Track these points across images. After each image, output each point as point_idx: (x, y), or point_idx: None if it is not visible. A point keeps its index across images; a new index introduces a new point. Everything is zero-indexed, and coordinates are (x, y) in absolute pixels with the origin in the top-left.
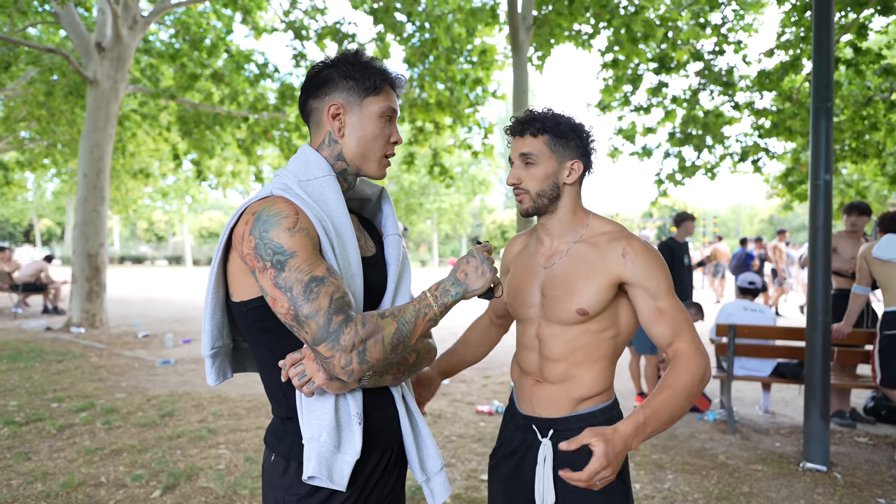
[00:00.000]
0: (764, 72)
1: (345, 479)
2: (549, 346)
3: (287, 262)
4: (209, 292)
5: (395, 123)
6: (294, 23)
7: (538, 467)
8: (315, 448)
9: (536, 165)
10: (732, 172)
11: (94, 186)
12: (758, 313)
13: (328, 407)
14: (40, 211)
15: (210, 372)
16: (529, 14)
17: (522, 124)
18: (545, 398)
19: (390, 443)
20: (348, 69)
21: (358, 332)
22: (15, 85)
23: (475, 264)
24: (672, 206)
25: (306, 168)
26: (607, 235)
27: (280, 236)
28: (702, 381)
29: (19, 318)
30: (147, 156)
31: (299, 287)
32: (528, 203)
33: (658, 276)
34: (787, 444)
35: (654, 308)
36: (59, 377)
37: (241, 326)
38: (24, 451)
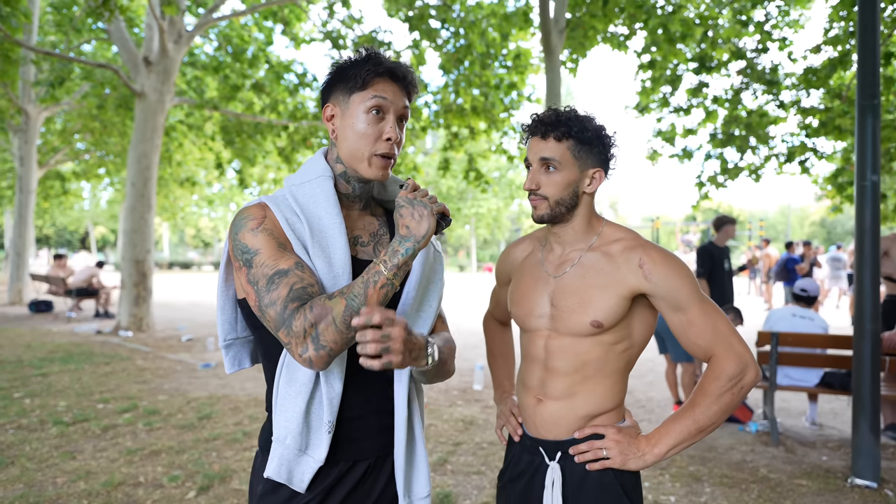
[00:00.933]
0: (811, 69)
1: (304, 483)
2: (557, 358)
3: (253, 260)
4: (220, 289)
5: (390, 119)
6: (332, 33)
7: (546, 491)
8: (279, 450)
9: (558, 172)
10: (778, 174)
11: (142, 195)
12: (807, 320)
13: (298, 409)
14: (95, 219)
15: (226, 360)
16: (562, 17)
17: (546, 125)
18: (548, 418)
19: (364, 455)
20: (342, 69)
21: (307, 317)
22: (70, 99)
23: (409, 211)
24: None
25: (305, 171)
26: (621, 244)
27: (245, 237)
28: (738, 392)
29: (73, 322)
30: (193, 165)
31: (263, 280)
32: (545, 210)
33: (680, 286)
34: (835, 458)
35: (683, 321)
36: (107, 379)
37: (245, 321)
38: (70, 451)
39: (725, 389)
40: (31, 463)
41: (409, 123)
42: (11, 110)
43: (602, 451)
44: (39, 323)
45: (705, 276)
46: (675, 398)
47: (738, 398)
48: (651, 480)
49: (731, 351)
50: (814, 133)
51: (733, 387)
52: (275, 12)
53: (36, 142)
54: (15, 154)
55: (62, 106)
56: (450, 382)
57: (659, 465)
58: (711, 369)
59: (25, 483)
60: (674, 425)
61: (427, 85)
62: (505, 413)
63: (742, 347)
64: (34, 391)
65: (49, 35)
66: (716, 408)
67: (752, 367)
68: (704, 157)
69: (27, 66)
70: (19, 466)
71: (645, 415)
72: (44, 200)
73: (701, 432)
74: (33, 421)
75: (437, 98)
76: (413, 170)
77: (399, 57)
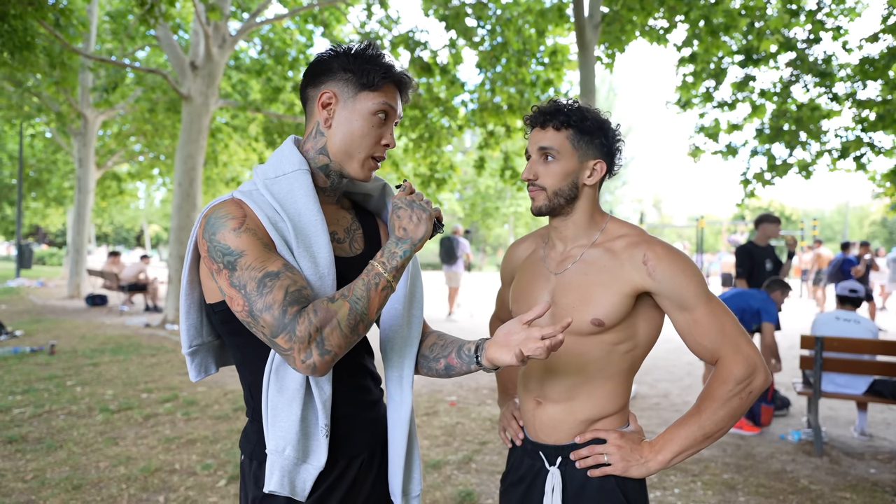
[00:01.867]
0: (867, 59)
1: (306, 491)
2: (557, 358)
3: (237, 262)
4: (183, 293)
5: (391, 125)
6: (369, 34)
7: (546, 497)
8: (278, 462)
9: (556, 161)
10: (831, 170)
11: (188, 194)
12: (852, 324)
13: (294, 417)
14: (150, 217)
15: (191, 368)
16: (597, 12)
17: (545, 115)
18: (547, 421)
19: (358, 451)
20: (348, 61)
21: (311, 321)
22: (124, 103)
23: (407, 213)
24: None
25: (278, 164)
26: (625, 240)
27: (226, 237)
28: (748, 396)
29: (124, 315)
30: (238, 165)
31: (253, 284)
32: (543, 201)
33: (686, 283)
34: (884, 471)
35: (688, 321)
36: (152, 370)
37: (217, 327)
38: (114, 437)
39: (733, 394)
40: (78, 447)
41: (446, 121)
42: (72, 115)
43: (603, 456)
44: (95, 316)
45: (744, 276)
46: None
47: (747, 403)
48: (682, 487)
49: (740, 353)
50: (870, 127)
51: (741, 391)
52: (315, 15)
53: (94, 144)
54: (75, 156)
55: (117, 110)
56: (480, 381)
57: (691, 471)
58: (718, 373)
59: (71, 466)
60: (679, 431)
61: (464, 84)
62: (506, 416)
63: (751, 349)
64: (85, 380)
65: (106, 43)
66: (723, 413)
67: (761, 370)
68: (750, 153)
69: (85, 72)
70: (66, 450)
71: None
72: (102, 200)
73: (707, 439)
74: (82, 408)
75: (474, 97)
76: (450, 168)
77: (436, 56)
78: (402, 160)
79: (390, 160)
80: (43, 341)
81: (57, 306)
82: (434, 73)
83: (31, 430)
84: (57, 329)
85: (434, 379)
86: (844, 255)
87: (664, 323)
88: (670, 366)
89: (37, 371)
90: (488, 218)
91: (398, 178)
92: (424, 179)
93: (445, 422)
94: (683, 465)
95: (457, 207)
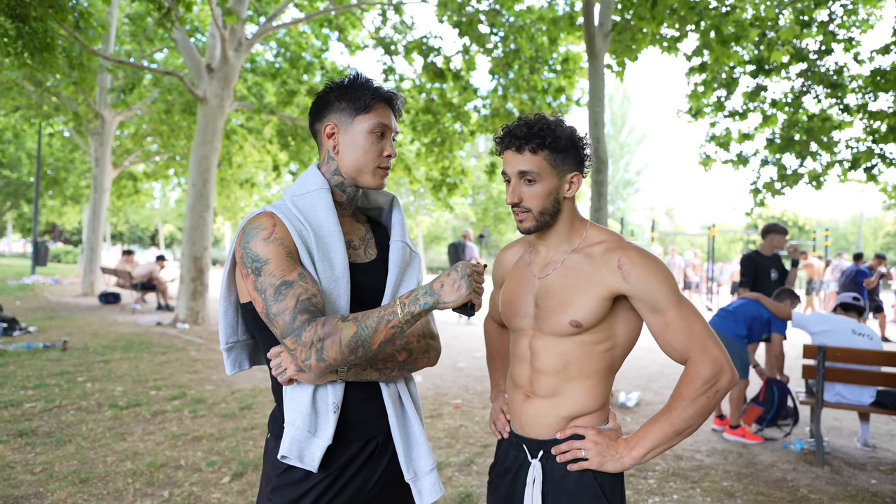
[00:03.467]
0: (879, 70)
1: (315, 462)
2: (541, 357)
3: (262, 269)
4: (222, 294)
5: (388, 138)
6: (384, 39)
7: (527, 489)
8: (290, 431)
9: (538, 183)
10: (842, 181)
11: (201, 195)
12: (865, 339)
13: (306, 395)
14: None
15: (227, 362)
16: (607, 20)
17: (520, 139)
18: (533, 416)
19: (374, 433)
20: (342, 92)
21: (317, 332)
22: (141, 104)
23: (454, 278)
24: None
25: (303, 184)
26: (603, 245)
27: (257, 246)
28: (714, 396)
29: (137, 313)
30: (253, 167)
31: (271, 290)
32: (531, 223)
33: (658, 287)
34: (886, 482)
35: (660, 323)
36: (161, 368)
37: (248, 324)
38: (121, 433)
39: (700, 393)
40: (86, 442)
41: (458, 126)
42: (89, 115)
43: (581, 451)
44: (107, 313)
45: (748, 285)
46: (717, 412)
47: (714, 402)
48: (681, 493)
49: (706, 354)
50: (882, 139)
51: (708, 390)
52: (331, 20)
53: (110, 144)
54: (92, 155)
55: (134, 111)
56: (486, 384)
57: (691, 478)
58: (687, 373)
59: (79, 460)
60: (651, 428)
61: (476, 90)
62: (496, 410)
63: (718, 350)
64: (96, 376)
65: (125, 44)
66: (691, 411)
67: (727, 370)
68: (761, 162)
69: (104, 73)
70: (75, 444)
71: None
72: (117, 199)
73: (678, 435)
74: (92, 403)
75: (486, 103)
76: (462, 173)
77: (449, 62)
78: (414, 164)
79: (403, 164)
80: (56, 338)
81: (70, 303)
82: (447, 78)
83: (42, 424)
84: (70, 326)
85: (440, 382)
86: (857, 266)
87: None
88: (675, 374)
89: (49, 367)
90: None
91: (410, 181)
92: (436, 184)
93: (449, 424)
94: (683, 471)
95: (469, 212)
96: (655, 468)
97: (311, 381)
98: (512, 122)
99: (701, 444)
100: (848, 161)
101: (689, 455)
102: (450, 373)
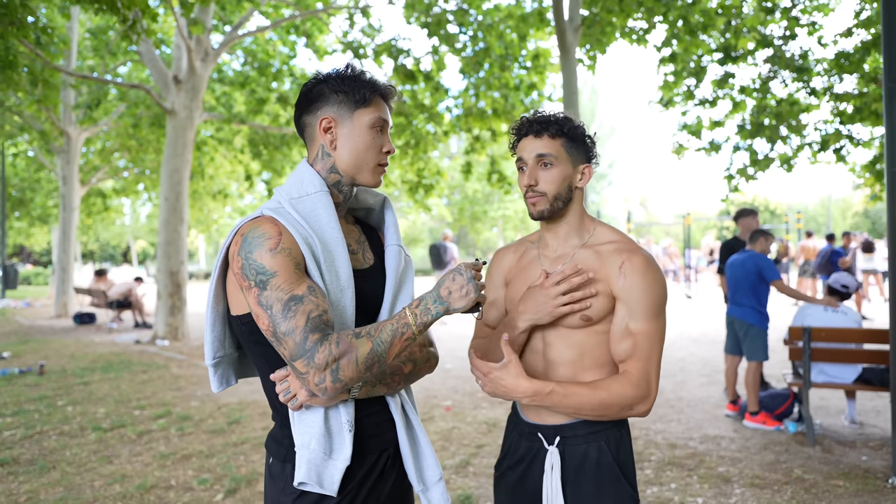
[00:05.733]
0: (843, 53)
1: (335, 485)
2: (556, 349)
3: (269, 282)
4: (209, 306)
5: (387, 133)
6: (352, 43)
7: (545, 476)
8: (305, 455)
9: (555, 167)
10: (812, 163)
11: (174, 209)
12: (840, 315)
13: (318, 416)
14: (136, 233)
15: (213, 379)
16: (577, 15)
17: (540, 124)
18: None
19: (386, 445)
20: (338, 83)
21: (332, 352)
22: (108, 119)
23: (461, 282)
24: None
25: (300, 185)
26: (613, 245)
27: (262, 257)
28: (624, 408)
29: (114, 333)
30: (225, 178)
31: (279, 305)
32: (545, 206)
33: (645, 298)
34: (876, 458)
35: (625, 326)
36: (143, 386)
37: (240, 338)
38: (107, 455)
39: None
40: (71, 467)
41: (431, 128)
42: (54, 133)
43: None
44: (83, 334)
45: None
46: (730, 397)
47: (618, 417)
48: (678, 482)
49: (645, 380)
50: (848, 119)
51: (623, 407)
52: (297, 26)
53: (77, 161)
54: (58, 174)
55: (101, 126)
56: (476, 385)
57: (687, 466)
58: (620, 382)
59: (65, 486)
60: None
61: (448, 90)
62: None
63: (654, 381)
64: (76, 399)
65: (88, 59)
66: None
67: (648, 402)
68: (733, 149)
69: (67, 90)
70: (60, 471)
71: (675, 415)
72: (87, 217)
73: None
74: (74, 427)
75: (459, 102)
76: (437, 174)
77: (419, 63)
78: (389, 167)
79: None
80: (31, 362)
81: (44, 326)
82: (418, 80)
83: (23, 452)
84: (45, 349)
85: (429, 385)
86: (831, 247)
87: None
88: (664, 362)
89: (26, 392)
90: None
91: (385, 184)
92: (412, 186)
93: (442, 427)
94: (678, 459)
95: (445, 212)
96: (651, 458)
97: (322, 404)
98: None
99: (693, 430)
100: (817, 143)
101: (682, 443)
102: (438, 375)
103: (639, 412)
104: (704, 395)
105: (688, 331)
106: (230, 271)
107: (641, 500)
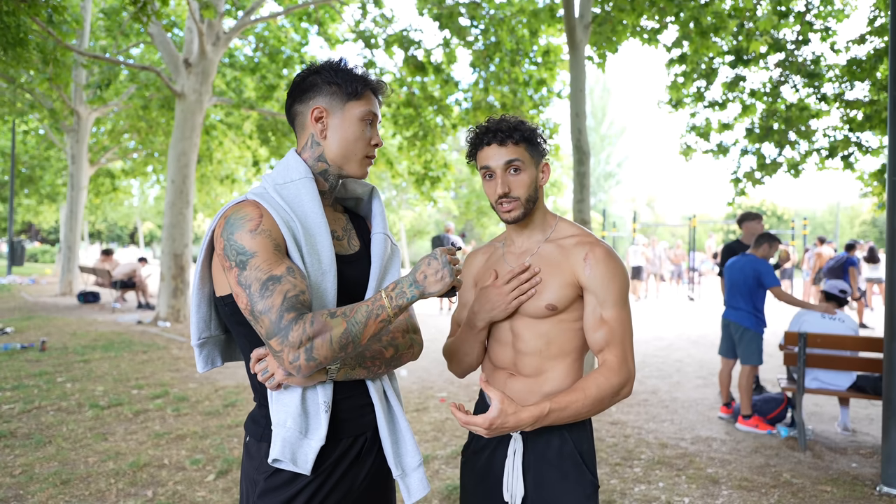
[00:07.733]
0: (855, 60)
1: (309, 464)
2: (523, 339)
3: (248, 262)
4: (195, 288)
5: (376, 127)
6: (364, 32)
7: (508, 461)
8: (281, 433)
9: (523, 172)
10: (820, 169)
11: (181, 192)
12: (837, 322)
13: (295, 396)
14: (143, 215)
15: (199, 359)
16: (587, 12)
17: (504, 132)
18: (517, 393)
19: (363, 429)
20: (332, 75)
21: (306, 330)
22: (118, 100)
23: (436, 267)
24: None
25: (285, 171)
26: (575, 239)
27: (243, 238)
28: (614, 395)
29: (117, 312)
30: (233, 163)
31: (257, 285)
32: (519, 211)
33: (611, 286)
34: (866, 465)
35: (598, 316)
36: (143, 367)
37: (224, 319)
38: (103, 433)
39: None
40: (67, 443)
41: (440, 120)
42: (65, 112)
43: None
44: (86, 313)
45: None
46: (724, 399)
47: (611, 405)
48: (666, 481)
49: (625, 364)
50: (858, 127)
51: (613, 396)
52: (310, 13)
53: (87, 141)
54: (68, 153)
55: (111, 107)
56: (471, 378)
57: (676, 465)
58: (602, 374)
59: (60, 461)
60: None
61: (458, 83)
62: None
63: (632, 363)
64: (75, 376)
65: (100, 39)
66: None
67: (630, 383)
68: (740, 152)
69: (79, 69)
70: (56, 446)
71: (668, 415)
72: (95, 197)
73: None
74: (72, 404)
75: (468, 95)
76: (444, 167)
77: (430, 55)
78: (396, 158)
79: (384, 158)
80: (34, 338)
81: (48, 303)
82: (428, 71)
83: (21, 426)
84: (48, 326)
85: (425, 376)
86: (848, 256)
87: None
88: (660, 363)
89: (27, 367)
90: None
91: (392, 175)
92: (419, 177)
93: (435, 417)
94: (668, 459)
95: (452, 206)
96: (641, 456)
97: (299, 384)
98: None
99: (685, 431)
100: (825, 149)
101: (673, 443)
102: (434, 366)
103: (624, 395)
104: (699, 397)
105: (687, 332)
106: (215, 253)
107: (629, 498)
